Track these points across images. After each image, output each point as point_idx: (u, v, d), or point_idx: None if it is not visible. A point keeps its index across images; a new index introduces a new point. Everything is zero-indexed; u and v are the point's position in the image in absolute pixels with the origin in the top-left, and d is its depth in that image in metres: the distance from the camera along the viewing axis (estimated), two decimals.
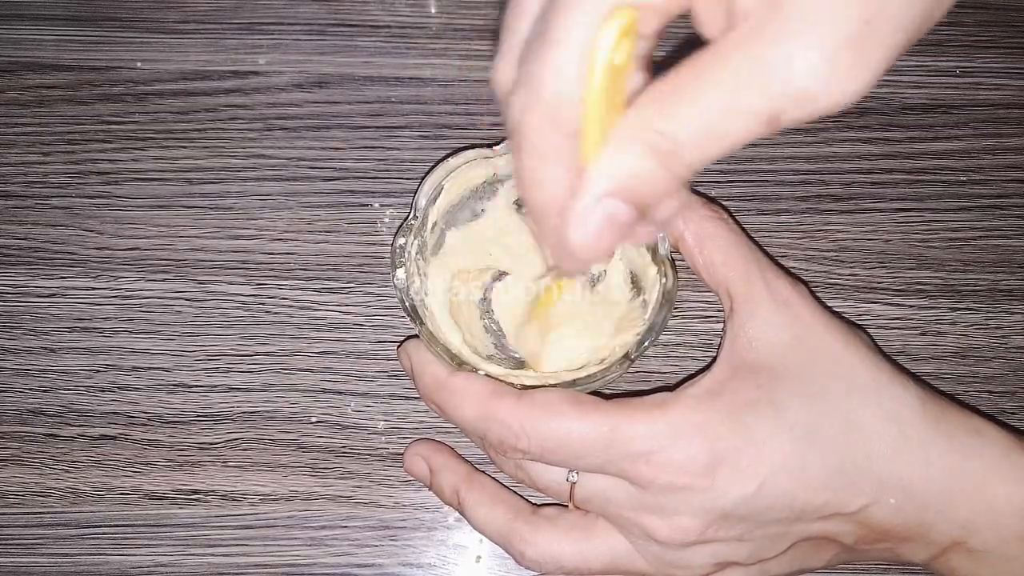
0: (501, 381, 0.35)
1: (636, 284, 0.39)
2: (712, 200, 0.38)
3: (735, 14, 0.21)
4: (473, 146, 0.38)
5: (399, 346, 0.39)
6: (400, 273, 0.36)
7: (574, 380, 0.36)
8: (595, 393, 0.35)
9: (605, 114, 0.22)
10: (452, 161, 0.38)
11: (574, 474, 0.35)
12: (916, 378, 0.37)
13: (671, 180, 0.22)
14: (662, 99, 0.22)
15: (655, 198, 0.23)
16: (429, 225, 0.38)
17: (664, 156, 0.22)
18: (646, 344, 0.36)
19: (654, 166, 0.22)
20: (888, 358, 0.37)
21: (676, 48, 0.40)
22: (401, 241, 0.37)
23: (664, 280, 0.36)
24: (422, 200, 0.37)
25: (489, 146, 0.38)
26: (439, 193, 0.38)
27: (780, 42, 0.20)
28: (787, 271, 0.38)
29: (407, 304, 0.36)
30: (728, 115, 0.21)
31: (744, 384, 0.34)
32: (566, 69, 0.22)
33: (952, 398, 0.38)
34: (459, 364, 0.36)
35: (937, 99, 0.46)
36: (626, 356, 0.36)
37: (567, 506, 0.37)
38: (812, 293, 0.37)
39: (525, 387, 0.35)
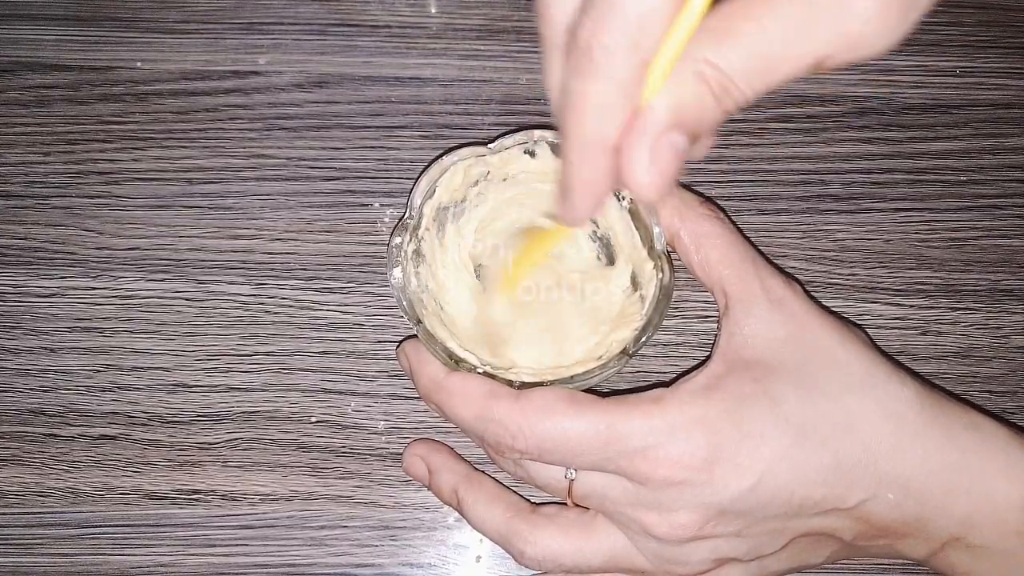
0: (498, 379, 0.35)
1: (633, 280, 0.39)
2: (710, 200, 0.38)
3: None
4: (470, 144, 0.38)
5: (398, 346, 0.40)
6: (397, 272, 0.36)
7: (571, 376, 0.36)
8: (591, 391, 0.35)
9: (682, 47, 0.22)
10: (446, 160, 0.38)
11: (572, 471, 0.35)
12: (914, 374, 0.37)
13: (720, 111, 0.23)
14: (716, 34, 0.22)
15: (705, 128, 0.23)
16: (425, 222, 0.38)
17: (717, 88, 0.22)
18: (644, 339, 0.36)
19: (708, 96, 0.22)
20: (886, 355, 0.37)
21: None
22: (397, 240, 0.37)
23: (661, 275, 0.36)
24: (417, 199, 0.37)
25: (485, 144, 0.38)
26: (433, 192, 0.38)
27: None
28: (782, 270, 0.38)
29: (404, 303, 0.36)
30: (778, 57, 0.22)
31: (740, 379, 0.34)
32: None
33: (951, 395, 0.38)
34: (457, 363, 0.36)
35: (937, 99, 0.46)
36: (624, 352, 0.36)
37: (566, 503, 0.37)
38: (807, 292, 0.37)
39: (523, 384, 0.35)
